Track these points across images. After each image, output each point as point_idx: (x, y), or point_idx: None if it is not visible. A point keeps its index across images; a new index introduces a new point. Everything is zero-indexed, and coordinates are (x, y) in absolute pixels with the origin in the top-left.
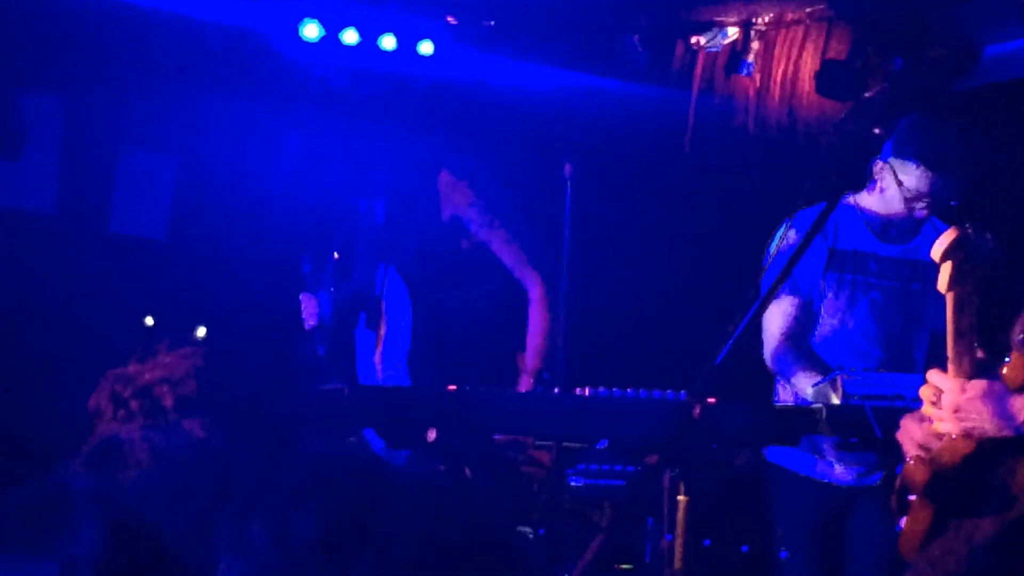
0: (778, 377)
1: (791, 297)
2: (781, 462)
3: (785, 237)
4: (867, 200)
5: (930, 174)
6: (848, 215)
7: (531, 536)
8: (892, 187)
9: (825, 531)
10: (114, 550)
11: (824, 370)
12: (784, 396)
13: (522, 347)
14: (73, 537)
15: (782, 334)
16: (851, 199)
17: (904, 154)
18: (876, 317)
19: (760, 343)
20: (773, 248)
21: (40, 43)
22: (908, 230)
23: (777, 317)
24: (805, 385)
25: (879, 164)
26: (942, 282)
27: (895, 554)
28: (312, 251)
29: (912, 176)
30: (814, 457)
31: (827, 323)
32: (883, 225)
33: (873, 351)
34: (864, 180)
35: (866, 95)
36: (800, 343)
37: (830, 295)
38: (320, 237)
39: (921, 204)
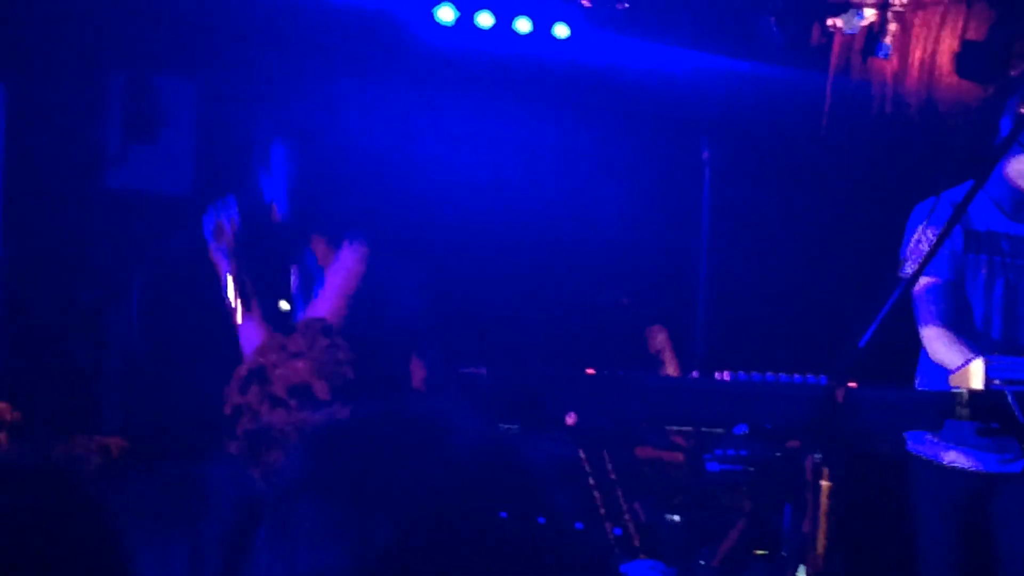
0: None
1: (940, 278)
2: (918, 451)
3: (930, 217)
4: (995, 178)
5: None
6: (978, 196)
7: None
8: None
9: (965, 519)
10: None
11: (972, 351)
12: (925, 381)
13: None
14: (213, 518)
15: (935, 313)
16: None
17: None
18: (1011, 298)
19: (900, 326)
20: (917, 230)
21: (176, 27)
22: None
23: (928, 299)
24: (953, 365)
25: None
26: None
27: None
28: None
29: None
30: (950, 445)
31: (968, 304)
32: (1013, 204)
33: (1012, 332)
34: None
35: (1010, 75)
36: (952, 324)
37: (969, 276)
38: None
39: None
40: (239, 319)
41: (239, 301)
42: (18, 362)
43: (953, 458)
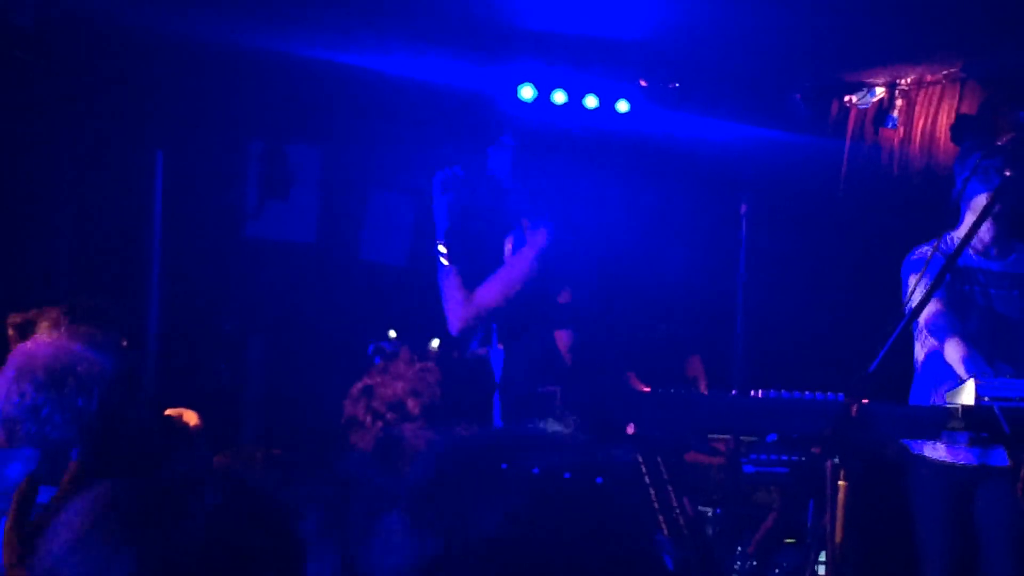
0: (920, 380)
1: (943, 305)
2: (914, 448)
3: (931, 261)
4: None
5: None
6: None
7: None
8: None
9: (955, 509)
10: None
11: (983, 363)
12: (919, 397)
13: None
14: (356, 502)
15: (950, 332)
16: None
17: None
18: (988, 321)
19: (905, 353)
20: (919, 271)
21: (304, 103)
22: (1004, 249)
23: (939, 321)
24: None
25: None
26: None
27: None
28: None
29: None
30: (942, 443)
31: None
32: (984, 246)
33: (989, 351)
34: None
35: (997, 143)
36: (964, 336)
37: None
38: None
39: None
40: (443, 266)
41: (446, 252)
42: (172, 383)
43: (944, 454)
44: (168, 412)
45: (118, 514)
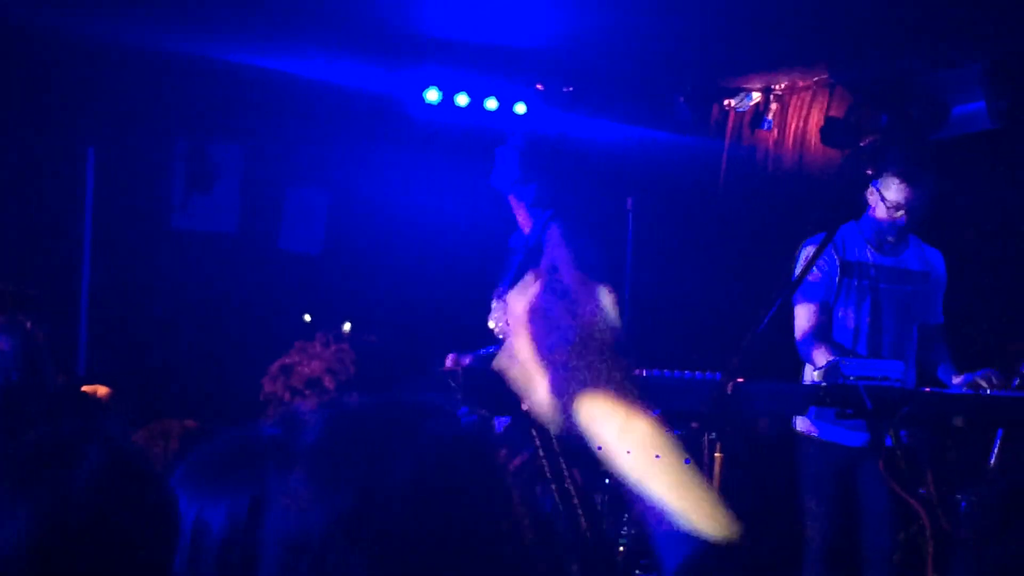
0: (805, 361)
1: (813, 301)
2: (804, 429)
3: (803, 256)
4: (865, 221)
5: (906, 187)
6: (852, 234)
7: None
8: (879, 203)
9: (839, 484)
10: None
11: (838, 355)
12: (807, 377)
13: None
14: (264, 477)
15: (809, 328)
16: (854, 222)
17: (888, 173)
18: (877, 313)
19: (779, 335)
20: (797, 265)
21: (226, 104)
22: (897, 244)
23: (804, 317)
24: (816, 367)
25: (870, 189)
26: None
27: (892, 504)
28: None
29: (893, 191)
30: (829, 424)
31: (842, 319)
32: (878, 241)
33: (876, 340)
34: (860, 210)
35: (860, 144)
36: (821, 335)
37: (842, 297)
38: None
39: (900, 212)
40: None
41: None
42: (105, 364)
43: (829, 436)
44: (84, 388)
45: (7, 471)
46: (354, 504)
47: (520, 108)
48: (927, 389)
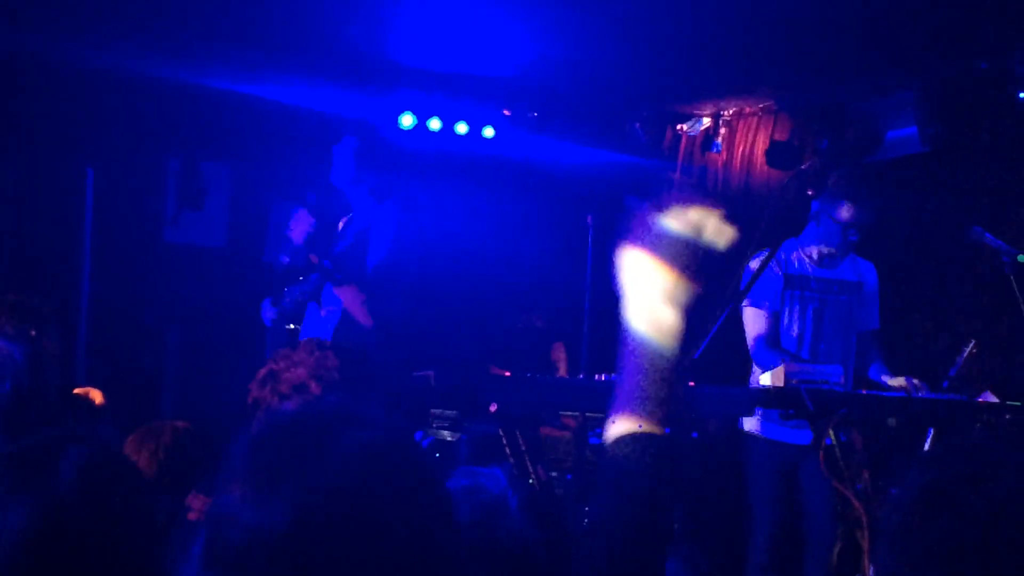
0: (757, 365)
1: (762, 310)
2: (752, 429)
3: (749, 269)
4: (806, 238)
5: (855, 208)
6: (794, 250)
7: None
8: (828, 222)
9: (783, 480)
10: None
11: (785, 360)
12: (755, 380)
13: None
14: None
15: (757, 336)
16: (794, 239)
17: (837, 196)
18: (818, 322)
19: (727, 343)
20: (745, 277)
21: (216, 127)
22: (835, 258)
23: (754, 325)
24: (765, 371)
25: (817, 209)
26: None
27: (832, 498)
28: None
29: (844, 211)
30: (774, 424)
31: (787, 327)
32: (818, 255)
33: (817, 346)
34: (801, 227)
35: (802, 167)
36: (769, 342)
37: (787, 308)
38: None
39: (850, 229)
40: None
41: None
42: (100, 368)
43: (774, 435)
44: (77, 391)
45: (4, 472)
46: (286, 517)
47: (489, 132)
48: (864, 392)
